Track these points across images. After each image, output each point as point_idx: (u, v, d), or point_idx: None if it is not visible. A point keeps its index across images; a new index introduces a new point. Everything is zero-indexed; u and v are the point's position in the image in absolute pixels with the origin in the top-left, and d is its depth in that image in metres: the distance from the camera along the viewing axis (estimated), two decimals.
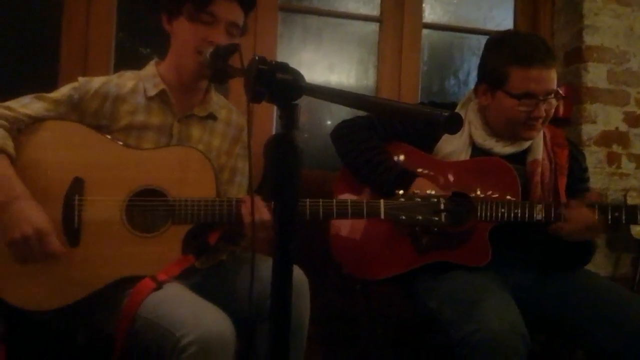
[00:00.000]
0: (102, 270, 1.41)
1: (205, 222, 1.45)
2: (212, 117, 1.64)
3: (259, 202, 1.42)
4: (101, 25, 2.34)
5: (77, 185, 1.43)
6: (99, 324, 1.44)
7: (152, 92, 1.55)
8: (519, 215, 1.61)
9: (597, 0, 2.54)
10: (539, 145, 1.76)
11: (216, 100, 1.69)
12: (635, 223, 1.62)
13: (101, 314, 1.41)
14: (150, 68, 1.61)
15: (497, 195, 1.66)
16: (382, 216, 1.49)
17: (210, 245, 1.50)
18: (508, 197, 1.66)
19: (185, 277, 1.45)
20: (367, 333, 2.20)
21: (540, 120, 1.69)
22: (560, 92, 1.69)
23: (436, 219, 1.47)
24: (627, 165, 2.57)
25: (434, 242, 1.66)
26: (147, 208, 1.45)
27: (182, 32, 1.53)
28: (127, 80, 1.58)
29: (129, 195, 1.45)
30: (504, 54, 1.68)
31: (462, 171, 1.73)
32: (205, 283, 1.53)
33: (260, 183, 1.30)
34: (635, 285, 2.32)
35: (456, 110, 1.82)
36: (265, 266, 1.05)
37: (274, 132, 2.33)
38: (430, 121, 0.51)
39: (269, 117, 2.44)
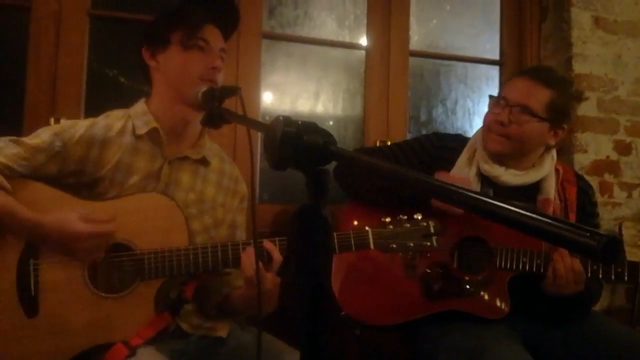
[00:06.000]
0: (68, 340, 1.24)
1: (179, 274, 1.29)
2: (204, 162, 1.50)
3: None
4: (72, 52, 2.19)
5: (31, 248, 1.26)
6: None
7: (142, 131, 1.41)
8: (542, 266, 1.50)
9: (585, 29, 2.52)
10: (551, 182, 1.68)
11: (209, 146, 1.56)
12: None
13: None
14: (140, 105, 1.47)
15: (516, 243, 1.54)
16: (372, 246, 1.36)
17: (188, 299, 1.36)
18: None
19: (162, 339, 1.30)
20: None
21: (495, 128, 1.62)
22: (531, 110, 1.59)
23: (428, 243, 1.36)
24: (619, 195, 2.53)
25: (445, 289, 1.55)
26: (112, 265, 1.29)
27: (175, 62, 1.41)
28: (115, 120, 1.44)
29: None
30: None
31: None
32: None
33: (283, 262, 1.16)
34: (633, 317, 2.26)
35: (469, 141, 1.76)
36: None
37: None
38: (580, 249, 0.39)
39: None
